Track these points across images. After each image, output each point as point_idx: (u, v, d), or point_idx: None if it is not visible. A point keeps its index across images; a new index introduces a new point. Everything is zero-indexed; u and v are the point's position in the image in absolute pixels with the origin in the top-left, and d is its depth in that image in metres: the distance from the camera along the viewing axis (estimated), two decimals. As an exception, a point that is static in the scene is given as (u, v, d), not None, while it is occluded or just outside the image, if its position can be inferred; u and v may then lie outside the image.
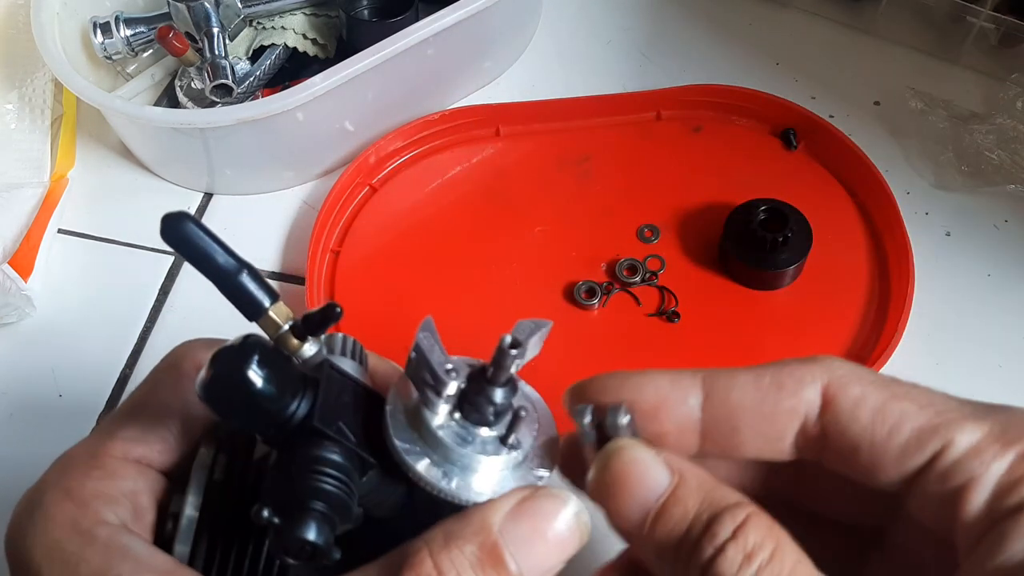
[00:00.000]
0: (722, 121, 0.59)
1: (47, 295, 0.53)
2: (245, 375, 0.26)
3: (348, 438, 0.28)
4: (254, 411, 0.27)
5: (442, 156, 0.58)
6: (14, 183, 0.56)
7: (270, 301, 0.28)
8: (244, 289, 0.27)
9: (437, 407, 0.28)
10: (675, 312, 0.51)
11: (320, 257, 0.54)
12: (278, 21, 0.60)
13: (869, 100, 0.61)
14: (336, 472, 0.27)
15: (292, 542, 0.25)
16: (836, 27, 0.65)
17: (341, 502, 0.27)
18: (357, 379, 0.29)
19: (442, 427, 0.28)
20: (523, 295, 0.53)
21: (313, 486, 0.26)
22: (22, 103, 0.58)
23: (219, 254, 0.27)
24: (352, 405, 0.28)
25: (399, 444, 0.27)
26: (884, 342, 0.49)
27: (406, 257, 0.54)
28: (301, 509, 0.26)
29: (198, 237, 0.26)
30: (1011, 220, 0.56)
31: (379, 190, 0.57)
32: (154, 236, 0.56)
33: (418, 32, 0.53)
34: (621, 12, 0.67)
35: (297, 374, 0.28)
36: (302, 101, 0.51)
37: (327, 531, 0.26)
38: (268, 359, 0.26)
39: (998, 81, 0.61)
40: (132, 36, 0.58)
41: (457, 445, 0.27)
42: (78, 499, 0.28)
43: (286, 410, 0.27)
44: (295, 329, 0.28)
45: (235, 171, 0.57)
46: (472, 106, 0.59)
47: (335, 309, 0.28)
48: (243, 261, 0.27)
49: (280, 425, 0.27)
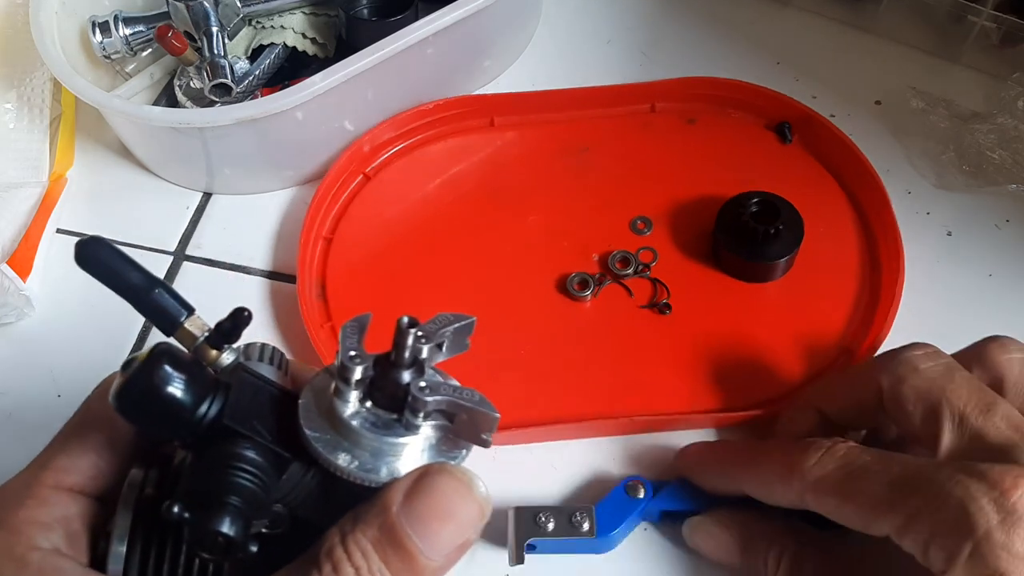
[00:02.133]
0: (717, 114, 0.59)
1: (46, 295, 0.53)
2: (153, 379, 0.27)
3: (262, 435, 0.28)
4: (165, 415, 0.27)
5: (436, 146, 0.58)
6: (12, 183, 0.55)
7: (185, 315, 0.29)
8: (158, 305, 0.29)
9: (347, 395, 0.28)
10: (667, 304, 0.51)
11: (312, 244, 0.54)
12: (277, 20, 0.60)
13: (870, 99, 0.61)
14: (249, 467, 0.27)
15: (205, 535, 0.26)
16: (837, 26, 0.65)
17: (254, 496, 0.27)
18: (272, 380, 0.30)
19: (353, 414, 0.28)
20: (515, 285, 0.53)
21: (226, 480, 0.27)
22: (20, 102, 0.58)
23: (132, 274, 0.28)
24: (267, 405, 0.29)
25: (309, 433, 0.28)
26: (874, 333, 0.49)
27: (399, 246, 0.54)
28: (214, 503, 0.26)
29: (112, 259, 0.28)
30: (1012, 220, 0.56)
31: (372, 179, 0.57)
32: (153, 236, 0.56)
33: (418, 31, 0.53)
34: (621, 11, 0.66)
35: (209, 378, 0.28)
36: (301, 100, 0.51)
37: (240, 524, 0.26)
38: (177, 363, 0.27)
39: (999, 80, 0.60)
40: (131, 35, 0.58)
41: (366, 430, 0.28)
42: (11, 528, 0.29)
43: (196, 411, 0.27)
44: (210, 339, 0.29)
45: (234, 170, 0.57)
46: (467, 96, 0.59)
47: (243, 313, 0.29)
48: (156, 279, 0.29)
49: (192, 427, 0.28)
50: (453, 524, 0.28)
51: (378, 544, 0.27)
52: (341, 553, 0.27)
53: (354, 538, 0.27)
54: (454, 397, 0.28)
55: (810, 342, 0.50)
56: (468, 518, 0.28)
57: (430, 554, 0.27)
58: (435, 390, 0.28)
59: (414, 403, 0.28)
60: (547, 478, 0.47)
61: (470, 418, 0.28)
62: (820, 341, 0.50)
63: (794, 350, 0.50)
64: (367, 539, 0.27)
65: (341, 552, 0.27)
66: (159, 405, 0.27)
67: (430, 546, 0.27)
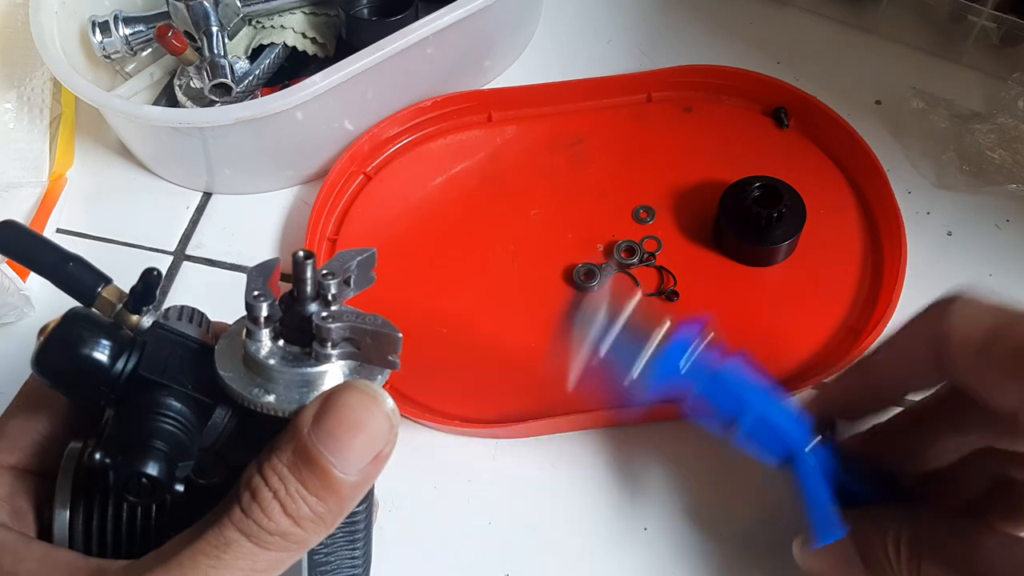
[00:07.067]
0: (712, 102, 0.60)
1: (46, 295, 0.53)
2: (67, 338, 0.28)
3: (180, 383, 0.29)
4: (82, 372, 0.28)
5: (435, 143, 0.59)
6: (13, 182, 0.55)
7: (103, 284, 0.30)
8: (74, 278, 0.30)
9: (258, 335, 0.29)
10: (674, 291, 0.52)
11: (317, 246, 0.54)
12: (277, 20, 0.60)
13: (870, 99, 0.61)
14: (170, 413, 0.28)
15: (130, 478, 0.27)
16: (837, 26, 0.65)
17: (176, 439, 0.28)
18: (188, 335, 0.31)
19: (265, 353, 0.29)
20: (521, 278, 0.53)
21: (148, 425, 0.28)
22: (20, 102, 0.58)
23: (46, 252, 0.30)
24: (185, 357, 0.30)
25: (224, 374, 0.29)
26: (878, 314, 0.50)
27: (403, 244, 0.55)
28: (137, 447, 0.27)
29: (25, 239, 0.29)
30: (1013, 220, 0.56)
31: (373, 178, 0.57)
32: (153, 236, 0.56)
33: (418, 31, 0.53)
34: (621, 11, 0.67)
35: (125, 336, 0.29)
36: (301, 100, 0.51)
37: (163, 465, 0.27)
38: (88, 322, 0.29)
39: (1000, 80, 0.60)
40: (131, 35, 0.58)
41: (279, 366, 0.28)
42: None
43: (113, 367, 0.28)
44: (128, 305, 0.30)
45: (234, 170, 0.57)
46: (464, 92, 0.59)
47: (153, 273, 0.30)
48: (69, 254, 0.30)
49: (111, 383, 0.28)
50: (363, 435, 0.28)
51: (293, 466, 0.28)
52: (259, 480, 0.28)
53: (270, 464, 0.28)
54: (356, 322, 0.29)
55: (815, 324, 0.51)
56: (377, 429, 0.28)
57: (344, 468, 0.28)
58: (337, 317, 0.29)
59: (319, 333, 0.28)
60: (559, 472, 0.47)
61: (375, 341, 0.29)
62: (826, 322, 0.51)
63: (800, 332, 0.50)
64: (282, 463, 0.28)
65: (259, 480, 0.28)
66: (75, 363, 0.28)
67: (343, 460, 0.28)
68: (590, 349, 0.41)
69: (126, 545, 0.31)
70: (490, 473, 0.47)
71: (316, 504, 0.28)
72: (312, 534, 0.28)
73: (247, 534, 0.27)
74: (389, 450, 0.29)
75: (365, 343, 0.29)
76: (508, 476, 0.47)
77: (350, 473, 0.28)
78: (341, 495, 0.28)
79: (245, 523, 0.27)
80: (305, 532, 0.28)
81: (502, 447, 0.48)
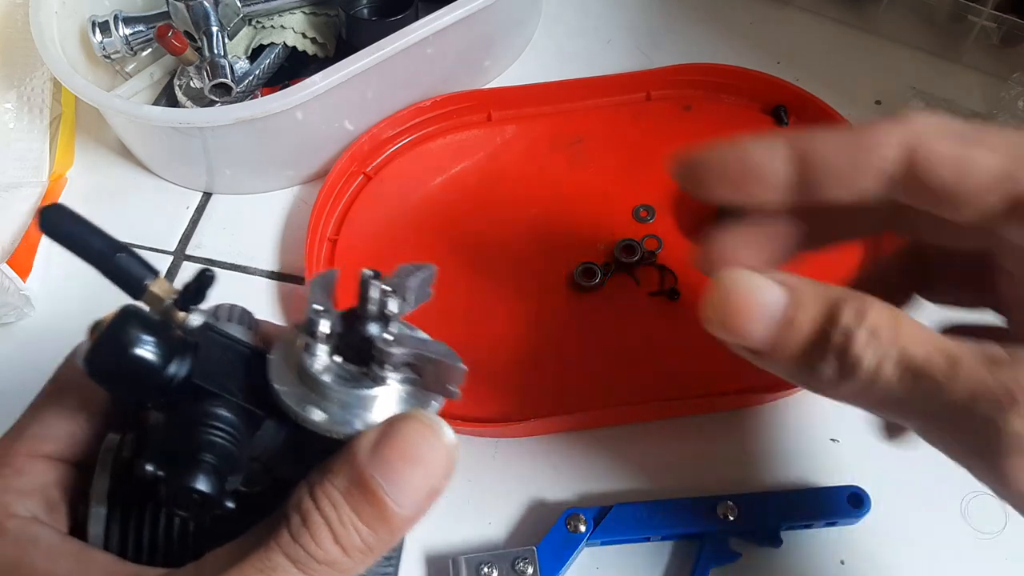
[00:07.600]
0: (712, 100, 0.60)
1: (46, 295, 0.53)
2: (121, 340, 0.27)
3: (232, 392, 0.28)
4: (135, 375, 0.27)
5: (435, 143, 0.58)
6: (12, 182, 0.55)
7: (152, 277, 0.29)
8: (123, 269, 0.29)
9: (315, 350, 0.28)
10: (675, 290, 0.52)
11: (318, 246, 0.54)
12: (277, 20, 0.60)
13: (870, 99, 0.61)
14: (221, 424, 0.27)
15: (180, 492, 0.26)
16: (837, 26, 0.65)
17: (228, 453, 0.27)
18: (240, 339, 0.30)
19: (321, 369, 0.28)
20: (522, 278, 0.53)
21: (198, 438, 0.27)
22: (20, 102, 0.58)
23: (96, 239, 0.28)
24: (236, 363, 0.29)
25: (279, 388, 0.28)
26: None
27: (403, 244, 0.54)
28: (187, 460, 0.26)
29: (75, 225, 0.28)
30: (1012, 219, 0.56)
31: (373, 178, 0.57)
32: (153, 236, 0.56)
33: (418, 31, 0.53)
34: (621, 11, 0.67)
35: (177, 338, 0.28)
36: (301, 100, 0.51)
37: (215, 480, 0.26)
38: (144, 323, 0.27)
39: (1000, 80, 0.60)
40: (131, 35, 0.58)
41: (335, 384, 0.28)
42: None
43: (165, 371, 0.27)
44: (177, 302, 0.29)
45: (234, 170, 0.57)
46: (464, 92, 0.59)
47: (206, 273, 0.29)
48: (119, 243, 0.29)
49: (162, 387, 0.28)
50: (421, 469, 0.27)
51: (347, 493, 0.27)
52: (310, 504, 0.27)
53: (323, 488, 0.27)
54: (420, 349, 0.28)
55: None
56: (436, 463, 0.28)
57: (400, 500, 0.27)
58: (400, 342, 0.28)
59: (380, 355, 0.28)
60: (560, 469, 0.47)
61: (437, 370, 0.28)
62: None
63: None
64: (336, 488, 0.27)
65: (310, 503, 0.27)
66: (128, 366, 0.27)
67: (399, 492, 0.27)
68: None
69: (163, 549, 0.30)
70: (490, 473, 0.47)
71: (368, 535, 0.27)
72: (359, 565, 0.27)
73: (294, 559, 0.26)
74: (444, 487, 0.28)
75: (427, 371, 0.28)
76: (508, 476, 0.47)
77: (405, 506, 0.27)
78: (392, 527, 0.27)
79: (293, 548, 0.26)
80: (353, 562, 0.27)
81: (502, 447, 0.48)
